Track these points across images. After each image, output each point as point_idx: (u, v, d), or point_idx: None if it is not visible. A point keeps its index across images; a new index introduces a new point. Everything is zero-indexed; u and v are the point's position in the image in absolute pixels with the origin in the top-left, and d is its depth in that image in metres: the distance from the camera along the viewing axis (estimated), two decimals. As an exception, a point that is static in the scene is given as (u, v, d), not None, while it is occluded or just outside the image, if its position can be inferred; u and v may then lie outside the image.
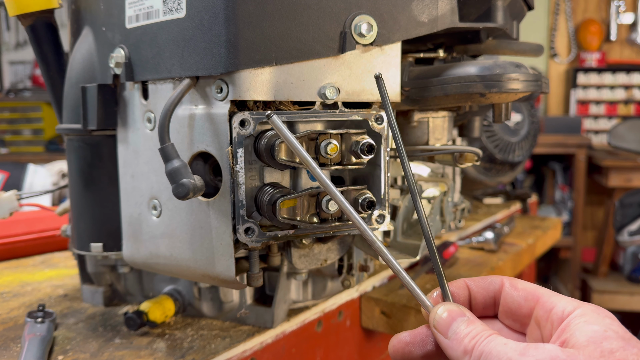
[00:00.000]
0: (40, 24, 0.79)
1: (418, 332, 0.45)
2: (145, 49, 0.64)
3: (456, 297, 0.46)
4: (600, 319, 0.39)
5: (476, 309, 0.47)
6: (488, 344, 0.39)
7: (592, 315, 0.39)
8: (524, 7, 0.79)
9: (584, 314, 0.39)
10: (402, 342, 0.45)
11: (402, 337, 0.45)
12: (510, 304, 0.45)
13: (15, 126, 3.82)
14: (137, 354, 0.67)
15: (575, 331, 0.38)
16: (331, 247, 0.69)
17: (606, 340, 0.37)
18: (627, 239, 2.98)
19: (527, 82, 0.65)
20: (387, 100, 0.50)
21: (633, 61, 3.87)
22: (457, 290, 0.46)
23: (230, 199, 0.57)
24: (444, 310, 0.43)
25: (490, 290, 0.46)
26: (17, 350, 0.69)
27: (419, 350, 0.45)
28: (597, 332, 0.37)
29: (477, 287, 0.47)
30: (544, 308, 0.42)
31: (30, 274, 1.02)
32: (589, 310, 0.40)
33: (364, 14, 0.60)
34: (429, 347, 0.44)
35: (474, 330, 0.41)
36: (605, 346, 0.36)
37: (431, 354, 0.44)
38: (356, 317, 0.88)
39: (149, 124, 0.66)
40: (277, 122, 0.50)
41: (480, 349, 0.39)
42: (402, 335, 0.45)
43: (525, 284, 0.46)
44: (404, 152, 0.48)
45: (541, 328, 0.43)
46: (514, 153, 1.45)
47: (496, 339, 0.39)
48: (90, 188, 0.75)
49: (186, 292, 0.77)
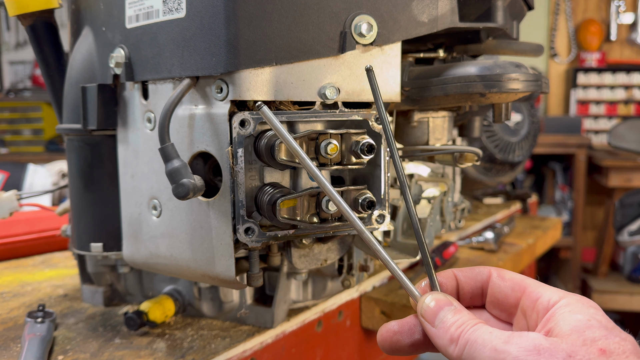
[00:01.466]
0: (40, 24, 0.79)
1: (406, 321, 0.46)
2: (145, 49, 0.64)
3: (444, 287, 0.47)
4: (585, 308, 0.39)
5: (464, 299, 0.47)
6: (474, 332, 0.40)
7: (577, 305, 0.40)
8: (524, 7, 0.79)
9: (569, 304, 0.40)
10: (390, 331, 0.46)
11: (390, 326, 0.46)
12: (497, 294, 0.46)
13: (15, 126, 3.82)
14: (137, 354, 0.67)
15: (559, 320, 0.39)
16: (331, 247, 0.69)
17: (589, 329, 0.37)
18: (627, 239, 2.97)
19: (527, 82, 0.65)
20: (377, 93, 0.50)
21: (633, 61, 3.87)
22: (445, 280, 0.47)
23: (230, 199, 0.57)
24: (432, 299, 0.44)
25: (478, 280, 0.47)
26: (17, 350, 0.69)
27: (406, 339, 0.45)
28: (580, 322, 0.38)
29: (465, 278, 0.47)
30: (530, 298, 0.43)
31: (30, 274, 1.02)
32: (574, 300, 0.41)
33: (364, 14, 0.60)
34: (416, 336, 0.45)
35: (460, 319, 0.41)
36: (588, 335, 0.37)
37: (419, 342, 0.45)
38: (356, 317, 0.88)
39: (149, 124, 0.66)
40: (267, 112, 0.50)
41: (466, 337, 0.40)
42: (391, 325, 0.46)
43: (513, 274, 0.46)
44: (393, 143, 0.49)
45: (527, 318, 0.43)
46: (514, 153, 1.45)
47: (482, 328, 0.40)
48: (90, 188, 0.75)
49: (186, 292, 0.77)
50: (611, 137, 3.20)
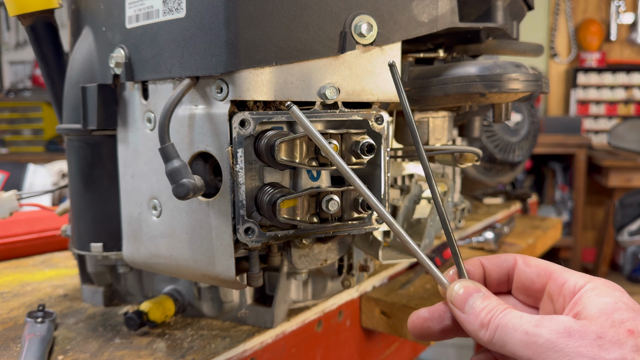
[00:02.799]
0: (40, 24, 0.79)
1: (436, 308, 0.47)
2: (145, 49, 0.64)
3: (471, 274, 0.48)
4: (611, 291, 0.40)
5: (491, 286, 0.49)
6: (504, 317, 0.41)
7: (603, 288, 0.41)
8: (524, 7, 0.79)
9: (595, 287, 0.41)
10: (420, 318, 0.47)
11: (420, 313, 0.47)
12: (523, 280, 0.47)
13: (15, 126, 3.83)
14: (137, 354, 0.67)
15: (587, 304, 0.40)
16: (331, 247, 0.69)
17: (617, 311, 0.38)
18: (627, 239, 2.98)
19: (527, 82, 0.65)
20: (400, 88, 0.50)
21: (633, 61, 3.87)
22: (472, 268, 0.48)
23: (230, 199, 0.57)
24: (460, 286, 0.45)
25: (504, 267, 0.48)
26: (17, 350, 0.69)
27: (437, 326, 0.46)
28: (607, 304, 0.39)
29: (491, 265, 0.49)
30: (556, 283, 0.44)
31: (30, 274, 1.02)
32: (600, 284, 0.42)
33: (364, 14, 0.60)
34: (446, 322, 0.46)
35: (489, 304, 0.42)
36: (615, 317, 0.38)
37: (448, 328, 0.46)
38: (356, 317, 0.88)
39: (149, 124, 0.66)
40: (297, 112, 0.50)
41: (496, 322, 0.41)
42: (421, 312, 0.47)
43: (538, 260, 0.47)
44: (419, 139, 0.50)
45: (554, 302, 0.44)
46: (514, 153, 1.45)
47: (511, 312, 0.41)
48: (90, 188, 0.75)
49: (186, 292, 0.77)
50: (611, 137, 3.20)
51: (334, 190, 0.59)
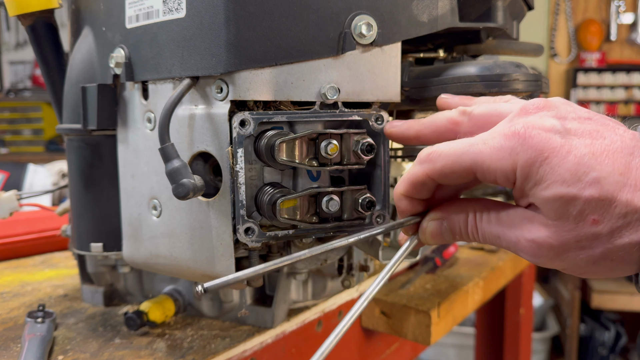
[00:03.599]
0: (40, 24, 0.79)
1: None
2: (145, 49, 0.64)
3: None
4: None
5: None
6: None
7: None
8: (524, 7, 0.79)
9: None
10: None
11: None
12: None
13: (15, 126, 3.83)
14: (137, 354, 0.67)
15: None
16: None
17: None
18: (627, 239, 2.97)
19: (527, 82, 0.65)
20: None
21: (633, 61, 3.87)
22: None
23: (230, 199, 0.57)
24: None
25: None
26: (17, 350, 0.69)
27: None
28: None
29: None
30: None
31: (30, 274, 1.02)
32: None
33: (364, 14, 0.60)
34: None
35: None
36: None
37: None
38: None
39: (149, 124, 0.66)
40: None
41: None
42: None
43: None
44: None
45: None
46: (514, 153, 1.45)
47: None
48: (90, 188, 0.75)
49: (186, 292, 0.77)
50: (611, 137, 3.19)
51: (334, 190, 0.59)
